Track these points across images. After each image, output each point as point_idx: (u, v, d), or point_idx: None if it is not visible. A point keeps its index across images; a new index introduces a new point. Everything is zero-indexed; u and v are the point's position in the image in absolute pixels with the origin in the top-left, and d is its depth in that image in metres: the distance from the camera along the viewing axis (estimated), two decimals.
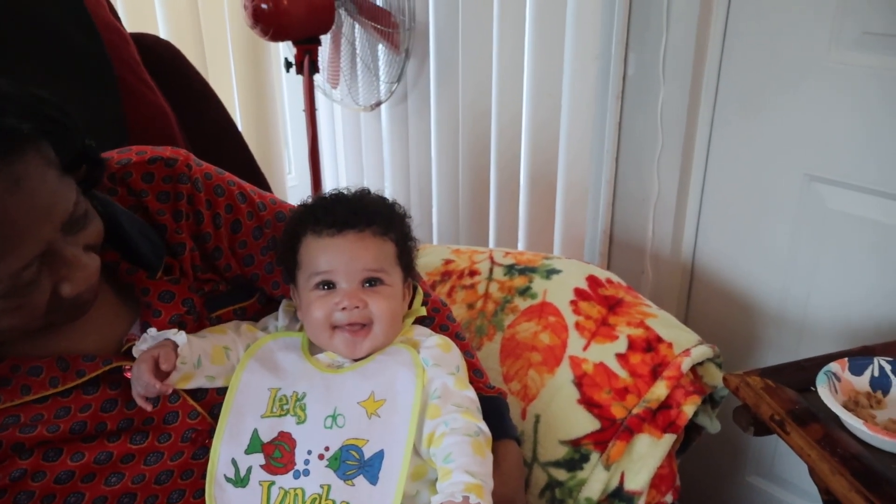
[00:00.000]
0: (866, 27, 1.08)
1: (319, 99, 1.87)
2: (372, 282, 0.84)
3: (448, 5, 1.55)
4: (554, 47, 1.36)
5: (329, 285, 0.84)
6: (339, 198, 0.89)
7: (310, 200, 0.91)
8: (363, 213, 0.85)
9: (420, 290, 0.94)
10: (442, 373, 0.83)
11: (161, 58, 1.37)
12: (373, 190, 0.90)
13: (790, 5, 1.15)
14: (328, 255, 0.83)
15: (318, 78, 1.79)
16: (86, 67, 1.21)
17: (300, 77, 1.75)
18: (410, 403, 0.80)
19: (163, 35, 1.62)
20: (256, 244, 0.90)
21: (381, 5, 1.62)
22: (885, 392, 0.89)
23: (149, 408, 0.77)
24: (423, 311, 0.92)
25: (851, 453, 0.80)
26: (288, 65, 1.71)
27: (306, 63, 1.67)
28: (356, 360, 0.84)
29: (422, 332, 0.89)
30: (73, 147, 0.71)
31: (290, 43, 1.71)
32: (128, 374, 0.78)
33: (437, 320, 0.95)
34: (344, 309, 0.82)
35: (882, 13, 1.06)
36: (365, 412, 0.80)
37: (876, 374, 0.90)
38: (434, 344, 0.86)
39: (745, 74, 1.24)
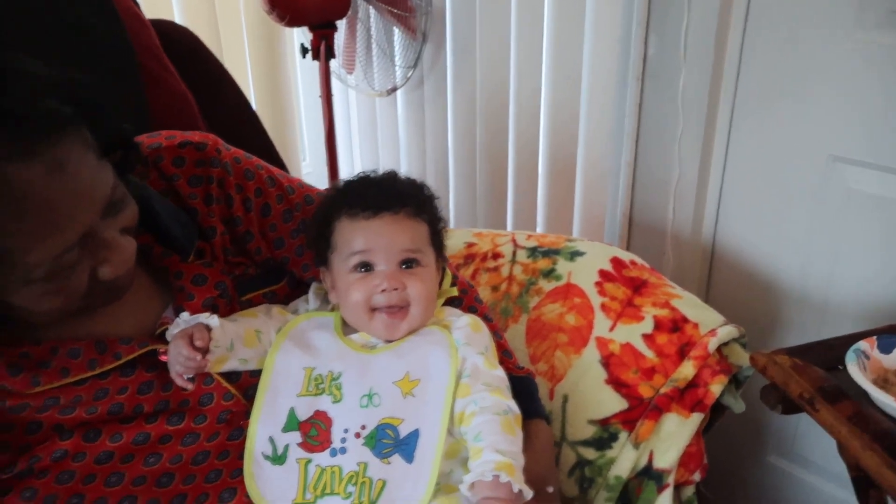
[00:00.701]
0: (893, 5, 1.08)
1: (334, 84, 1.87)
2: (409, 263, 0.84)
3: None
4: (574, 28, 1.36)
5: (367, 267, 0.84)
6: (371, 181, 0.89)
7: (340, 184, 0.91)
8: (397, 196, 0.86)
9: (448, 272, 0.95)
10: (472, 352, 0.84)
11: (179, 44, 1.37)
12: None
13: None
14: (365, 237, 0.84)
15: (333, 63, 1.79)
16: (109, 55, 1.21)
17: (313, 63, 1.75)
18: (445, 384, 0.81)
19: (178, 21, 1.62)
20: (286, 227, 0.91)
21: None
22: None
23: (189, 387, 0.77)
24: (455, 292, 0.93)
25: (883, 429, 0.81)
26: (304, 50, 1.71)
27: (323, 48, 1.67)
28: (389, 341, 0.85)
29: (452, 312, 0.90)
30: (110, 130, 0.71)
31: (305, 28, 1.71)
32: (162, 358, 0.79)
33: (465, 301, 0.95)
34: (384, 291, 0.82)
35: None
36: (400, 392, 0.81)
37: None
38: (465, 324, 0.86)
39: (768, 55, 1.23)
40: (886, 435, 0.80)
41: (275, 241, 0.91)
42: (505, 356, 0.92)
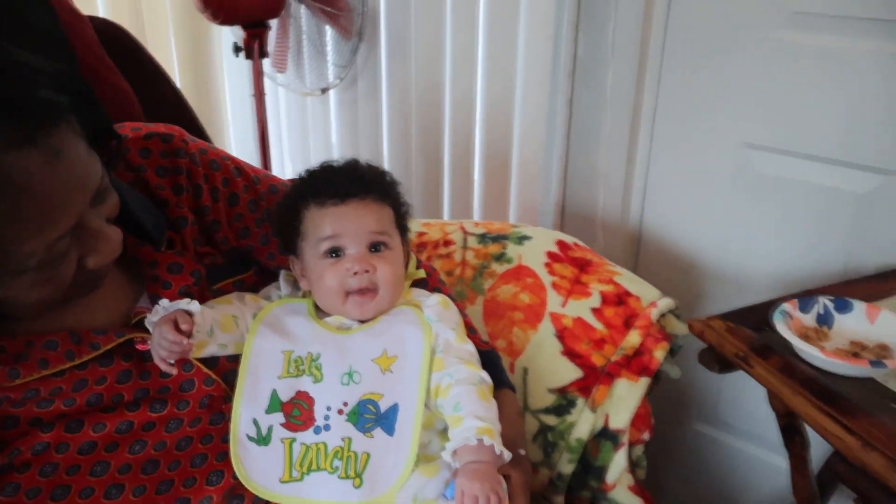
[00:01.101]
0: (795, 7, 1.21)
1: (265, 83, 1.88)
2: (377, 246, 0.88)
3: None
4: (507, 28, 1.43)
5: (337, 252, 0.87)
6: (335, 169, 0.92)
7: (305, 174, 0.94)
8: (362, 182, 0.90)
9: (413, 256, 1.00)
10: (444, 328, 0.88)
11: (115, 40, 1.36)
12: None
13: None
14: (334, 222, 0.87)
15: (264, 62, 1.80)
16: (43, 47, 1.19)
17: (239, 61, 1.75)
18: (420, 359, 0.85)
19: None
20: (252, 216, 0.93)
21: None
22: (829, 326, 1.01)
23: (173, 371, 0.78)
24: (422, 273, 0.98)
25: (808, 377, 0.91)
26: (237, 49, 1.71)
27: (255, 47, 1.67)
28: (362, 322, 0.89)
29: (420, 293, 0.94)
30: (96, 120, 0.72)
31: (237, 27, 1.71)
32: (140, 347, 0.80)
33: (430, 283, 1.00)
34: (356, 274, 0.86)
35: None
36: (379, 368, 0.85)
37: (821, 311, 1.02)
38: (435, 302, 0.91)
39: (686, 53, 1.35)
40: (811, 381, 0.91)
41: (241, 230, 0.93)
42: (470, 332, 0.97)
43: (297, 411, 0.83)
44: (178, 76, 1.87)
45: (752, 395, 1.44)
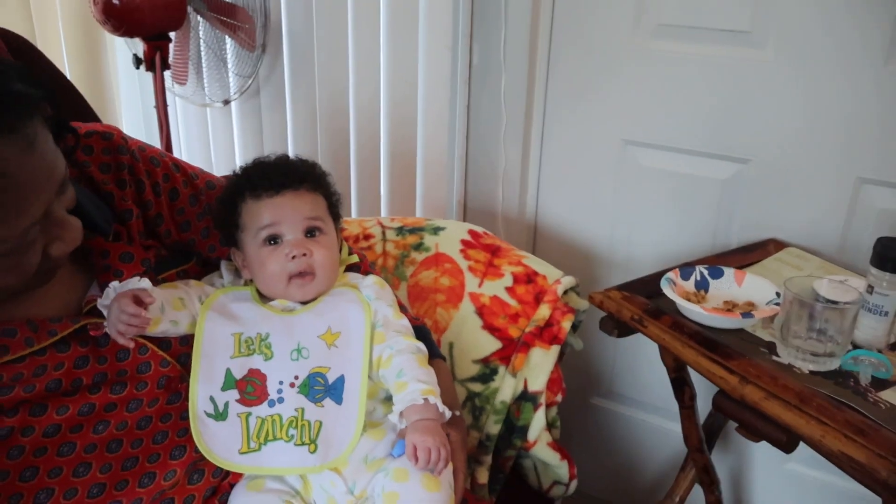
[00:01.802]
0: (660, 20, 1.39)
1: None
2: (312, 231, 0.95)
3: (301, 1, 1.66)
4: (408, 39, 1.53)
5: (275, 240, 0.94)
6: (268, 164, 0.99)
7: (239, 170, 1.00)
8: (295, 174, 0.97)
9: (345, 243, 1.08)
10: (382, 305, 0.97)
11: (20, 51, 1.34)
12: None
13: (601, 3, 1.43)
14: (271, 212, 0.93)
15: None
16: None
17: (133, 73, 1.75)
18: (362, 333, 0.93)
19: None
20: (193, 210, 0.98)
21: (231, 1, 1.69)
22: (706, 291, 1.18)
23: (130, 345, 0.83)
24: (355, 258, 1.06)
25: (694, 331, 1.07)
26: (138, 61, 1.72)
27: (157, 60, 1.69)
28: (304, 304, 0.96)
29: (355, 276, 1.02)
30: (57, 114, 0.76)
31: (136, 39, 1.72)
32: (93, 332, 0.84)
33: (362, 268, 1.08)
34: (294, 258, 0.93)
35: (672, 10, 1.37)
36: (325, 344, 0.92)
37: (699, 278, 1.19)
38: (372, 283, 0.99)
39: (570, 59, 1.50)
40: (697, 334, 1.06)
41: (182, 224, 0.98)
42: (403, 310, 1.06)
43: (251, 388, 0.89)
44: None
45: (644, 368, 1.61)
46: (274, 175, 0.96)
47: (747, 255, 1.32)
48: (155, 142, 1.85)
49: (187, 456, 0.86)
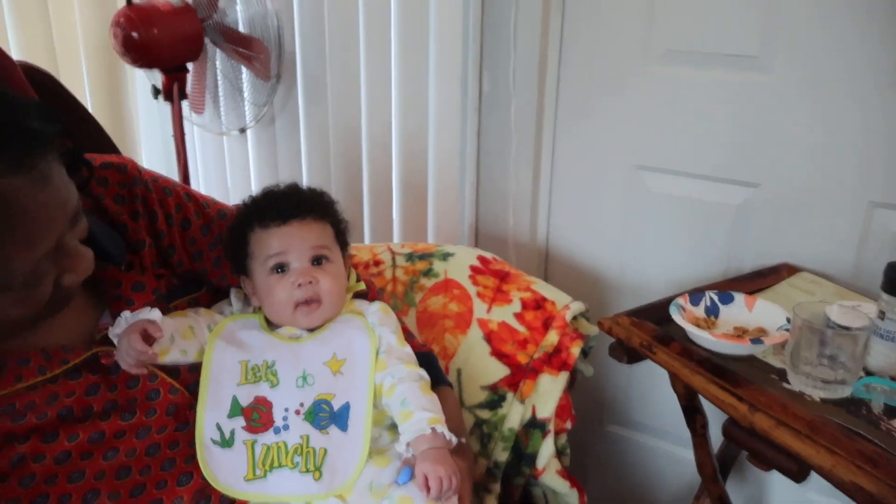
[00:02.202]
0: (668, 46, 1.39)
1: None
2: (319, 260, 0.96)
3: (314, 31, 1.69)
4: (419, 68, 1.56)
5: (282, 268, 0.95)
6: (277, 193, 1.01)
7: (249, 200, 1.02)
8: (302, 203, 0.98)
9: (353, 271, 1.09)
10: (386, 331, 0.97)
11: (44, 86, 1.39)
12: None
13: (609, 30, 1.44)
14: (279, 241, 0.95)
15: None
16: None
17: (153, 103, 1.80)
18: (367, 360, 0.94)
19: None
20: (205, 240, 1.00)
21: (247, 33, 1.73)
22: (716, 316, 1.17)
23: (144, 371, 0.85)
24: (362, 286, 1.07)
25: (703, 357, 1.06)
26: (156, 92, 1.76)
27: (175, 90, 1.73)
28: (311, 331, 0.97)
29: (361, 303, 1.03)
30: (69, 148, 0.78)
31: (155, 70, 1.76)
32: (104, 361, 0.85)
33: (370, 295, 1.09)
34: (300, 286, 0.94)
35: (680, 35, 1.37)
36: (330, 371, 0.93)
37: (708, 303, 1.18)
38: (377, 309, 1.00)
39: (579, 86, 1.51)
40: (706, 360, 1.05)
41: (194, 254, 0.99)
42: (409, 337, 1.06)
43: (257, 415, 0.90)
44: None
45: (658, 394, 1.60)
46: (282, 204, 0.97)
47: (760, 281, 1.31)
48: (173, 169, 1.88)
49: (194, 482, 0.87)
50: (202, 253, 1.00)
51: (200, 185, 2.09)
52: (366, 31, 1.60)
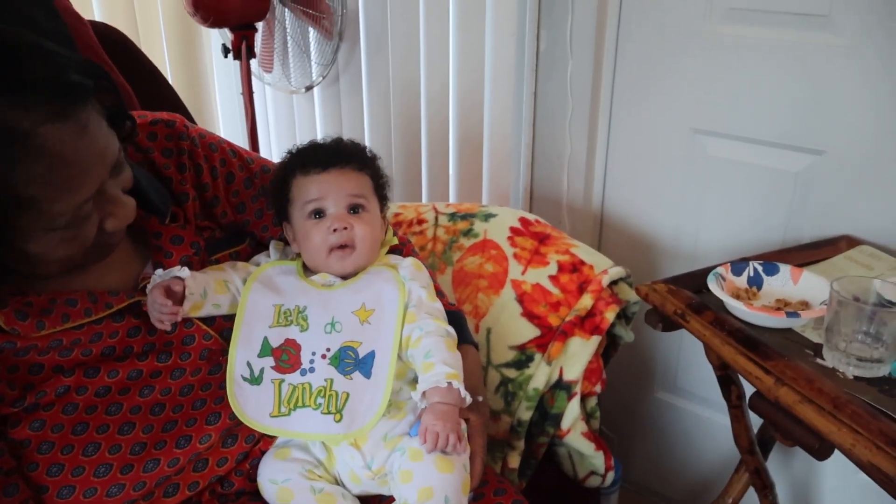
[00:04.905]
0: (732, 4, 1.33)
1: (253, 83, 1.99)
2: (355, 208, 0.99)
3: None
4: (476, 27, 1.55)
5: (320, 214, 0.99)
6: (320, 145, 1.05)
7: (294, 150, 1.06)
8: (343, 154, 1.02)
9: (390, 228, 1.12)
10: (417, 286, 1.00)
11: (114, 43, 1.47)
12: None
13: None
14: (317, 187, 0.99)
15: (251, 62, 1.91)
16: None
17: (229, 62, 1.86)
18: (395, 312, 0.97)
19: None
20: (248, 193, 1.05)
21: None
22: (759, 287, 1.14)
23: (168, 328, 0.90)
24: (396, 240, 1.09)
25: (736, 328, 1.03)
26: (226, 50, 1.82)
27: (244, 48, 1.79)
28: (345, 279, 1.00)
29: (395, 258, 1.05)
30: (113, 102, 0.83)
31: (225, 30, 1.83)
32: (145, 308, 0.92)
33: (405, 251, 1.12)
34: (335, 231, 0.97)
35: None
36: (358, 320, 0.96)
37: (752, 274, 1.14)
38: (409, 264, 1.02)
39: (638, 46, 1.47)
40: (738, 332, 1.03)
41: (237, 205, 1.04)
42: (439, 295, 1.09)
43: (286, 356, 0.94)
44: (170, 76, 1.98)
45: (705, 362, 1.56)
46: (323, 153, 1.01)
47: (815, 252, 1.26)
48: (242, 126, 1.96)
49: (222, 422, 0.93)
50: (245, 205, 1.05)
51: (271, 141, 2.17)
52: None
